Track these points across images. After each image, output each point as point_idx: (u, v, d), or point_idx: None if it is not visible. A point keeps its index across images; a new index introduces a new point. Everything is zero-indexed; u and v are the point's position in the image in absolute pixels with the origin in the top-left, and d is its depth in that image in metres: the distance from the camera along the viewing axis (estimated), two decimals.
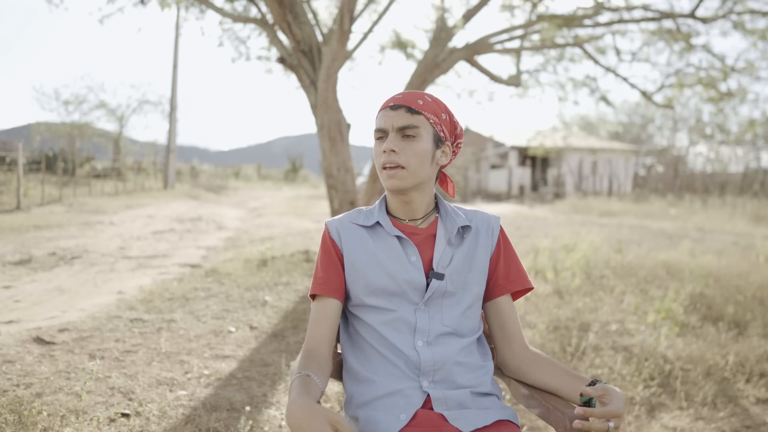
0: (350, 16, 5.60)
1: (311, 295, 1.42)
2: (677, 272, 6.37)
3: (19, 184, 13.58)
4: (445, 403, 1.30)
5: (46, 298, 5.12)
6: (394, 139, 1.35)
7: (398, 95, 1.39)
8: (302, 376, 1.18)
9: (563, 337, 3.98)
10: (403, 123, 1.35)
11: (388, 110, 1.37)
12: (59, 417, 2.53)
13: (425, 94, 1.41)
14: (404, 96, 1.38)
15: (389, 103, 1.38)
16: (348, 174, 6.38)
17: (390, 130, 1.36)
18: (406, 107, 1.36)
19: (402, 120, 1.35)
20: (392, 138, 1.35)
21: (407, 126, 1.34)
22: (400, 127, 1.35)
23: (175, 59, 25.65)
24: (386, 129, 1.36)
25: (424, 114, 1.36)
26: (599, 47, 8.31)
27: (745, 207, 17.28)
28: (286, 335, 4.03)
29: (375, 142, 1.40)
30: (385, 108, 1.38)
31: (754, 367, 3.54)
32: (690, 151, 40.30)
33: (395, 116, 1.35)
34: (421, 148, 1.36)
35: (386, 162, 1.35)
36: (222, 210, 17.21)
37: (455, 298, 1.38)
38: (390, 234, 1.40)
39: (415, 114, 1.35)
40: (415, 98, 1.38)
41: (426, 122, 1.36)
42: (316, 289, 1.39)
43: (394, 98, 1.39)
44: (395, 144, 1.34)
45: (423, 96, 1.39)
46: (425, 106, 1.37)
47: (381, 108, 1.40)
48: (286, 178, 49.28)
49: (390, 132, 1.36)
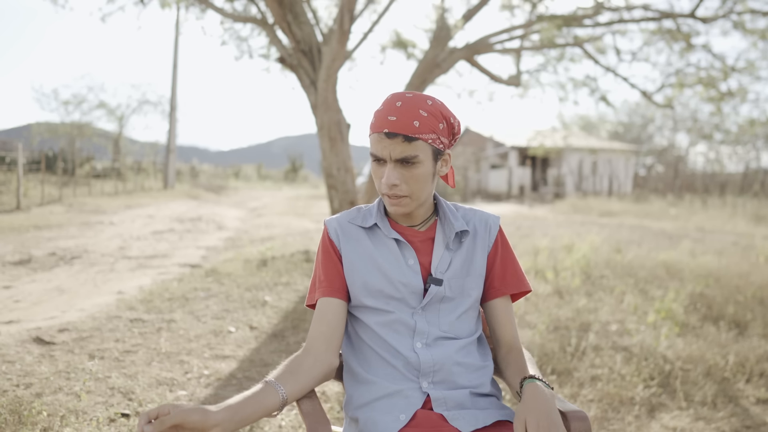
0: (350, 16, 5.60)
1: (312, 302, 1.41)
2: (677, 272, 6.37)
3: (19, 184, 13.58)
4: (445, 404, 1.30)
5: (46, 298, 5.12)
6: (394, 170, 1.29)
7: (391, 115, 1.27)
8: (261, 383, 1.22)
9: (563, 337, 3.98)
10: (400, 155, 1.28)
11: (383, 137, 1.28)
12: (59, 417, 2.53)
13: (420, 105, 1.29)
14: (399, 118, 1.26)
15: (384, 128, 1.27)
16: (348, 174, 6.38)
17: (388, 160, 1.30)
18: (402, 136, 1.26)
19: (399, 151, 1.27)
20: (392, 170, 1.29)
21: (405, 158, 1.28)
22: (398, 159, 1.29)
23: (175, 59, 25.65)
24: (384, 158, 1.30)
25: (421, 138, 1.27)
26: (599, 47, 8.31)
27: (746, 207, 17.28)
28: (286, 335, 4.03)
29: (373, 162, 1.34)
30: (379, 132, 1.28)
31: (755, 367, 3.54)
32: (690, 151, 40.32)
33: (392, 146, 1.27)
34: (422, 174, 1.31)
35: (389, 193, 1.32)
36: (222, 210, 17.21)
37: (453, 303, 1.38)
38: (388, 237, 1.39)
39: (413, 142, 1.27)
40: (410, 120, 1.26)
41: (424, 145, 1.29)
42: (321, 293, 1.38)
43: (388, 121, 1.27)
44: (396, 177, 1.29)
45: (418, 112, 1.27)
46: (422, 127, 1.27)
47: (375, 128, 1.30)
48: (286, 178, 49.27)
49: (388, 162, 1.30)
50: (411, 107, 1.28)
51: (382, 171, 1.32)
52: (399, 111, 1.28)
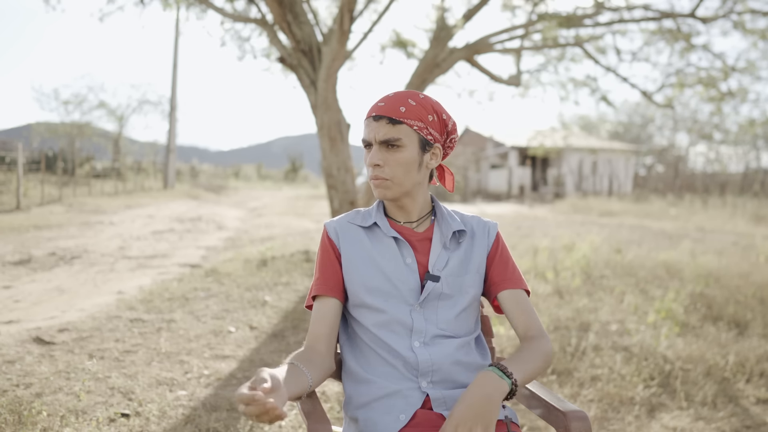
0: (350, 16, 5.60)
1: (312, 298, 1.41)
2: (677, 272, 6.37)
3: (19, 184, 13.58)
4: (445, 403, 1.30)
5: (46, 298, 5.12)
6: (378, 151, 1.34)
7: (381, 102, 1.35)
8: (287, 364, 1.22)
9: (563, 337, 3.97)
10: (384, 136, 1.33)
11: (371, 121, 1.35)
12: (59, 417, 2.53)
13: (411, 95, 1.36)
14: (387, 104, 1.34)
15: (372, 112, 1.35)
16: (348, 174, 6.38)
17: (373, 142, 1.35)
18: (387, 118, 1.32)
19: (383, 132, 1.33)
20: (375, 151, 1.34)
21: (389, 139, 1.33)
22: (381, 140, 1.33)
23: (175, 59, 25.66)
24: (370, 141, 1.35)
25: (406, 122, 1.32)
26: (599, 47, 8.30)
27: (746, 207, 17.28)
28: (286, 335, 4.03)
29: (365, 151, 1.39)
30: (369, 117, 1.36)
31: (755, 367, 3.54)
32: (690, 151, 40.33)
33: (377, 128, 1.33)
34: (405, 159, 1.34)
35: (372, 175, 1.36)
36: (222, 210, 17.21)
37: (451, 300, 1.38)
38: (387, 235, 1.40)
39: (396, 124, 1.32)
40: (397, 105, 1.33)
41: (409, 130, 1.34)
42: (315, 290, 1.40)
43: (377, 106, 1.35)
44: (379, 157, 1.34)
45: (406, 100, 1.34)
46: (408, 113, 1.33)
47: (367, 114, 1.38)
48: (286, 178, 49.28)
49: (374, 144, 1.35)
50: (401, 96, 1.36)
51: (368, 159, 1.36)
52: (388, 98, 1.36)
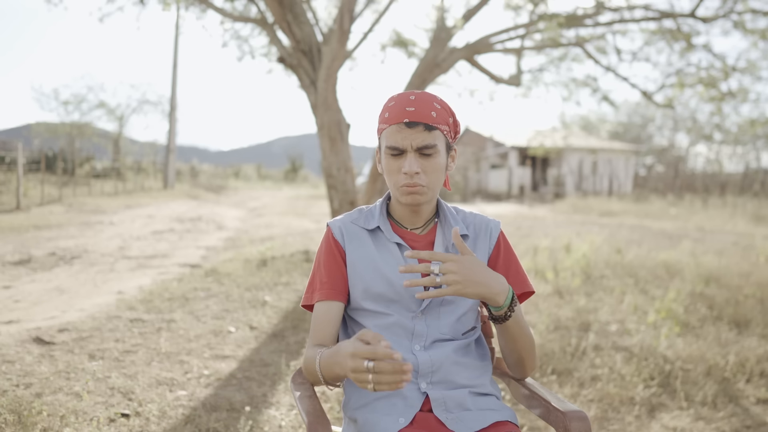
0: (350, 16, 5.60)
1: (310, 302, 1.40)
2: (677, 272, 6.36)
3: (19, 184, 13.58)
4: (444, 404, 1.30)
5: (46, 298, 5.12)
6: (414, 159, 1.30)
7: (410, 107, 1.29)
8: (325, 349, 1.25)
9: (563, 337, 3.97)
10: (422, 143, 1.29)
11: (403, 127, 1.29)
12: (59, 417, 2.53)
13: (434, 98, 1.33)
14: (417, 109, 1.29)
15: (403, 117, 1.29)
16: (348, 174, 6.38)
17: (409, 150, 1.30)
18: (423, 125, 1.28)
19: (421, 139, 1.29)
20: (413, 158, 1.30)
21: (426, 146, 1.29)
22: (419, 147, 1.29)
23: (175, 59, 25.65)
24: (404, 149, 1.30)
25: (439, 128, 1.31)
26: (600, 47, 8.30)
27: (746, 207, 17.28)
28: (286, 335, 4.02)
29: (388, 157, 1.33)
30: (398, 123, 1.30)
31: (755, 367, 3.54)
32: (690, 151, 40.32)
33: (413, 135, 1.28)
34: (440, 164, 1.33)
35: (409, 182, 1.31)
36: (222, 210, 17.21)
37: (453, 305, 1.38)
38: (390, 240, 1.39)
39: (432, 131, 1.29)
40: (428, 110, 1.30)
41: (440, 135, 1.32)
42: (323, 295, 1.37)
43: (407, 111, 1.29)
44: (417, 165, 1.30)
45: (433, 104, 1.31)
46: (438, 118, 1.30)
47: (393, 120, 1.31)
48: (286, 178, 49.24)
49: (409, 152, 1.30)
50: (426, 99, 1.32)
51: (400, 163, 1.31)
52: (415, 103, 1.31)
